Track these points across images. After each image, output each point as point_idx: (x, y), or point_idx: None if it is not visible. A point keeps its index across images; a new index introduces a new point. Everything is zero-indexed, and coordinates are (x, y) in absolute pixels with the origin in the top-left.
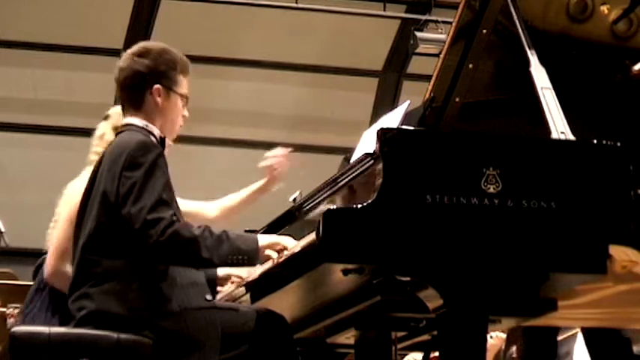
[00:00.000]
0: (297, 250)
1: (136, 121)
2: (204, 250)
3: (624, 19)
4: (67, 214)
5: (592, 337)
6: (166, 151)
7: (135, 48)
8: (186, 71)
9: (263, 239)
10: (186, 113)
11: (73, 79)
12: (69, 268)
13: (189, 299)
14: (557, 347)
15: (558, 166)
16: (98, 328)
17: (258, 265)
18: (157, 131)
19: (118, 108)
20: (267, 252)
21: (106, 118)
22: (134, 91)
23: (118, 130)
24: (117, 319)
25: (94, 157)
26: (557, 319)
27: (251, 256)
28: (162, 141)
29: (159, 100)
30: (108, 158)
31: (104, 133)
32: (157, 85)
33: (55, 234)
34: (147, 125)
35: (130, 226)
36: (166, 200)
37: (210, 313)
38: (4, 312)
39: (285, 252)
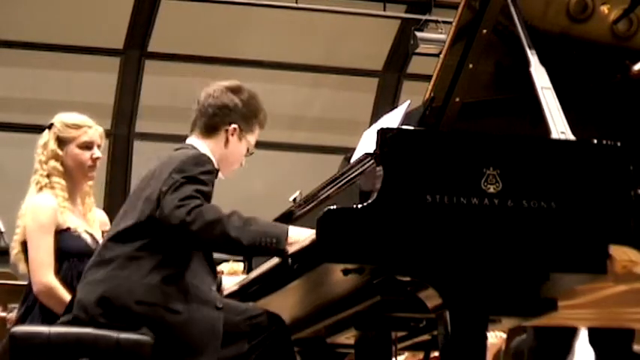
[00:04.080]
0: (296, 249)
1: (200, 144)
2: (233, 229)
3: (624, 19)
4: (36, 224)
5: (597, 337)
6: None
7: (229, 83)
8: (263, 125)
9: (294, 230)
10: (243, 162)
11: (73, 79)
12: (51, 278)
13: (198, 303)
14: (570, 349)
15: (558, 166)
16: (103, 315)
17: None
18: (214, 161)
19: (62, 117)
20: None
21: (50, 126)
22: (213, 120)
23: (177, 148)
24: (122, 309)
25: (37, 167)
26: (557, 319)
27: (280, 240)
28: (216, 171)
29: (231, 138)
30: (159, 168)
31: (47, 141)
32: (235, 125)
33: (30, 247)
34: (207, 152)
35: (161, 212)
36: (199, 197)
37: (214, 318)
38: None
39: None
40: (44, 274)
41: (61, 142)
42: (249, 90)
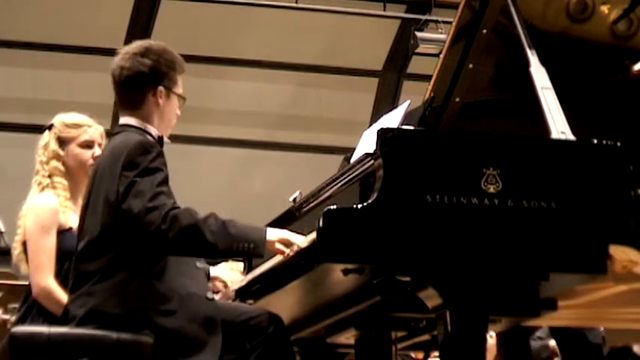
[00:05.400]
0: (298, 249)
1: (133, 121)
2: (209, 234)
3: (624, 19)
4: (37, 225)
5: (562, 337)
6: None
7: (135, 47)
8: (182, 70)
9: (271, 232)
10: (178, 112)
11: (73, 79)
12: (50, 282)
13: (190, 299)
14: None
15: (558, 166)
16: (99, 328)
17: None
18: (154, 131)
19: (62, 117)
20: (278, 246)
21: (50, 127)
22: (135, 92)
23: (115, 131)
24: (116, 318)
25: (38, 167)
26: (557, 319)
27: (257, 245)
28: (160, 140)
29: (160, 101)
30: (105, 161)
31: (48, 142)
32: (160, 87)
33: (29, 249)
34: (144, 125)
35: (131, 217)
36: (164, 192)
37: (209, 309)
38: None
39: (294, 248)
40: (43, 277)
41: (62, 142)
42: (158, 45)
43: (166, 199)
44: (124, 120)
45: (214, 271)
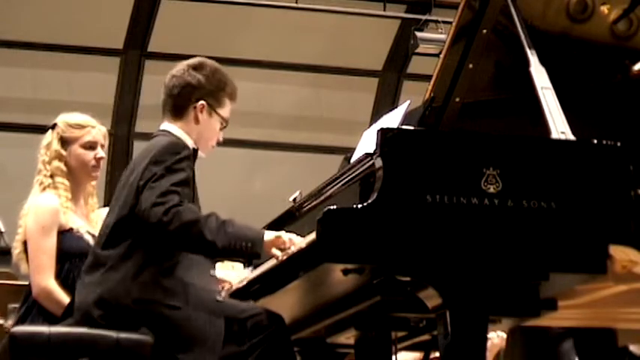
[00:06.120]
0: (297, 249)
1: (173, 128)
2: (208, 232)
3: (624, 19)
4: (37, 225)
5: (581, 338)
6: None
7: (192, 61)
8: (233, 97)
9: (269, 233)
10: (221, 138)
11: (73, 79)
12: (50, 282)
13: (196, 296)
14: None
15: (558, 166)
16: (103, 317)
17: (248, 270)
18: (190, 142)
19: (65, 117)
20: (274, 250)
21: (53, 127)
22: (179, 101)
23: (154, 134)
24: (121, 309)
25: (40, 167)
26: (557, 319)
27: (255, 244)
28: (194, 152)
29: (200, 115)
30: (137, 160)
31: (50, 142)
32: (202, 102)
33: (29, 249)
34: (181, 134)
35: (139, 209)
36: (178, 191)
37: (214, 311)
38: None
39: (292, 249)
40: (43, 278)
41: (65, 142)
42: (213, 64)
43: (176, 197)
44: (163, 126)
45: (221, 273)
